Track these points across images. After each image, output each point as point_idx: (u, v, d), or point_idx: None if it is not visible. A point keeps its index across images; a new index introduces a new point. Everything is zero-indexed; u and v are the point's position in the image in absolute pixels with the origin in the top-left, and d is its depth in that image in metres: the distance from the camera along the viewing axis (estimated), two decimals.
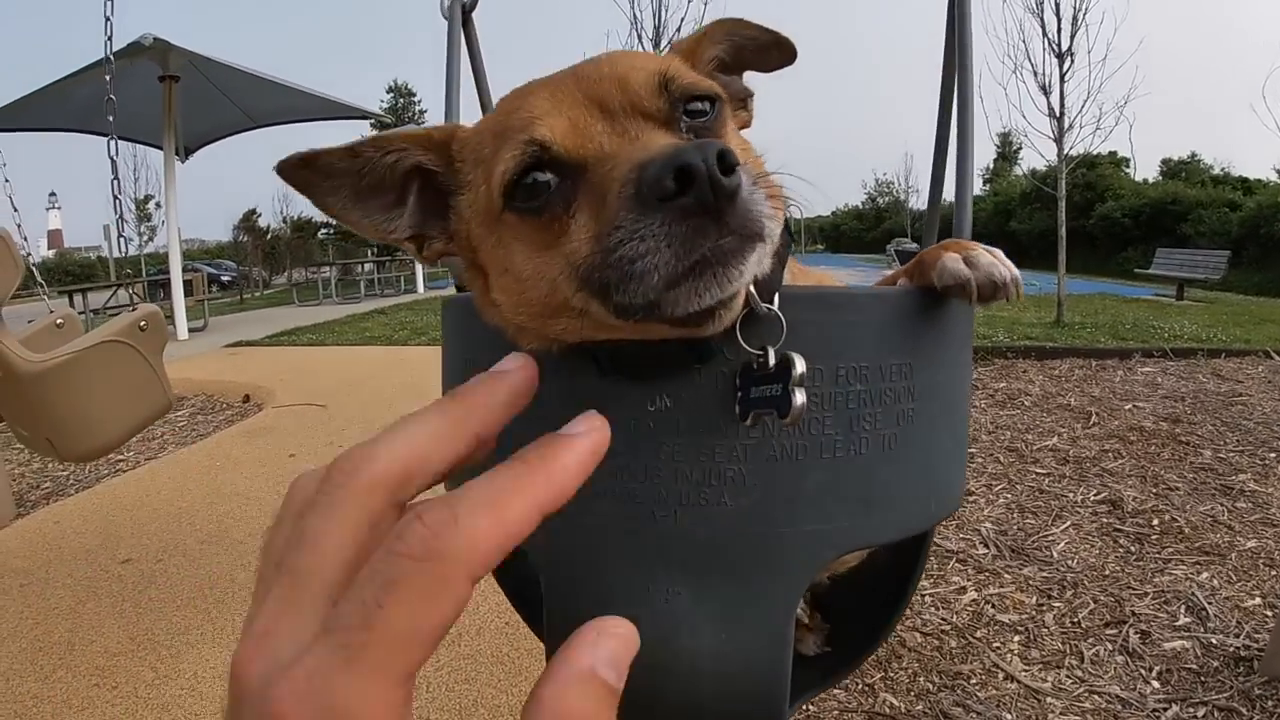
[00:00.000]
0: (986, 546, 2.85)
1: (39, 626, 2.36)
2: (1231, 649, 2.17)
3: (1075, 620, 2.35)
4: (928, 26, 1.34)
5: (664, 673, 0.58)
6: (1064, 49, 8.07)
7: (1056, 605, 2.44)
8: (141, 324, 2.37)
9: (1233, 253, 14.51)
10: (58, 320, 2.56)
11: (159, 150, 10.40)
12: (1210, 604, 2.40)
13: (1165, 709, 1.93)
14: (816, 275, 0.76)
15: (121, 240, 2.78)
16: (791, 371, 0.52)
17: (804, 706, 1.97)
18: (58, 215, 55.47)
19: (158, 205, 26.12)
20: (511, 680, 2.01)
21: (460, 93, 1.12)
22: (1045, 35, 8.17)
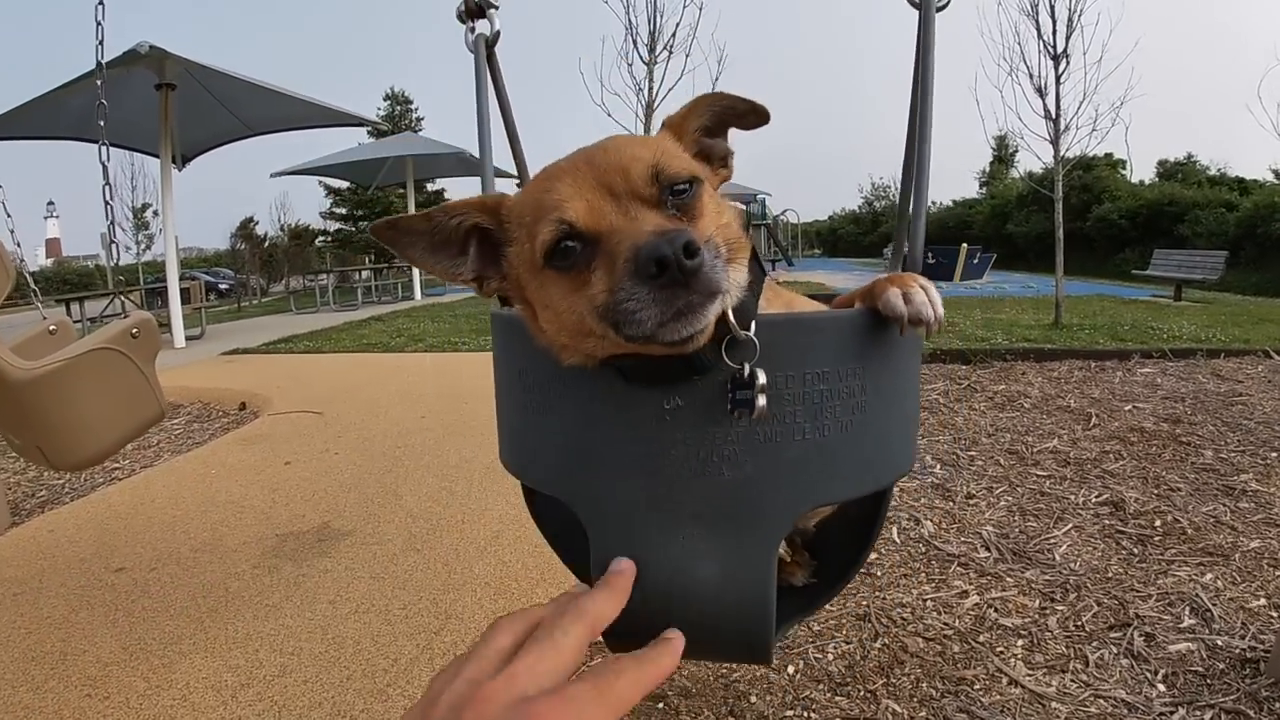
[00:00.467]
0: (988, 550, 2.83)
1: (31, 636, 2.34)
2: (1237, 651, 2.14)
3: (1079, 623, 2.32)
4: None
5: (683, 594, 0.80)
6: (1059, 51, 8.07)
7: (1060, 608, 2.41)
8: (134, 331, 2.33)
9: (1230, 253, 14.49)
10: (50, 327, 2.53)
11: (156, 159, 10.40)
12: (1215, 605, 2.38)
13: (1172, 712, 1.90)
14: (786, 297, 0.93)
15: (114, 246, 2.75)
16: (755, 383, 0.72)
17: (808, 715, 1.95)
18: (56, 224, 55.50)
19: (155, 214, 26.10)
20: None
21: (491, 122, 1.28)
22: (1040, 37, 8.17)
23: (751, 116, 0.87)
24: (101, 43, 2.39)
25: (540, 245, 0.71)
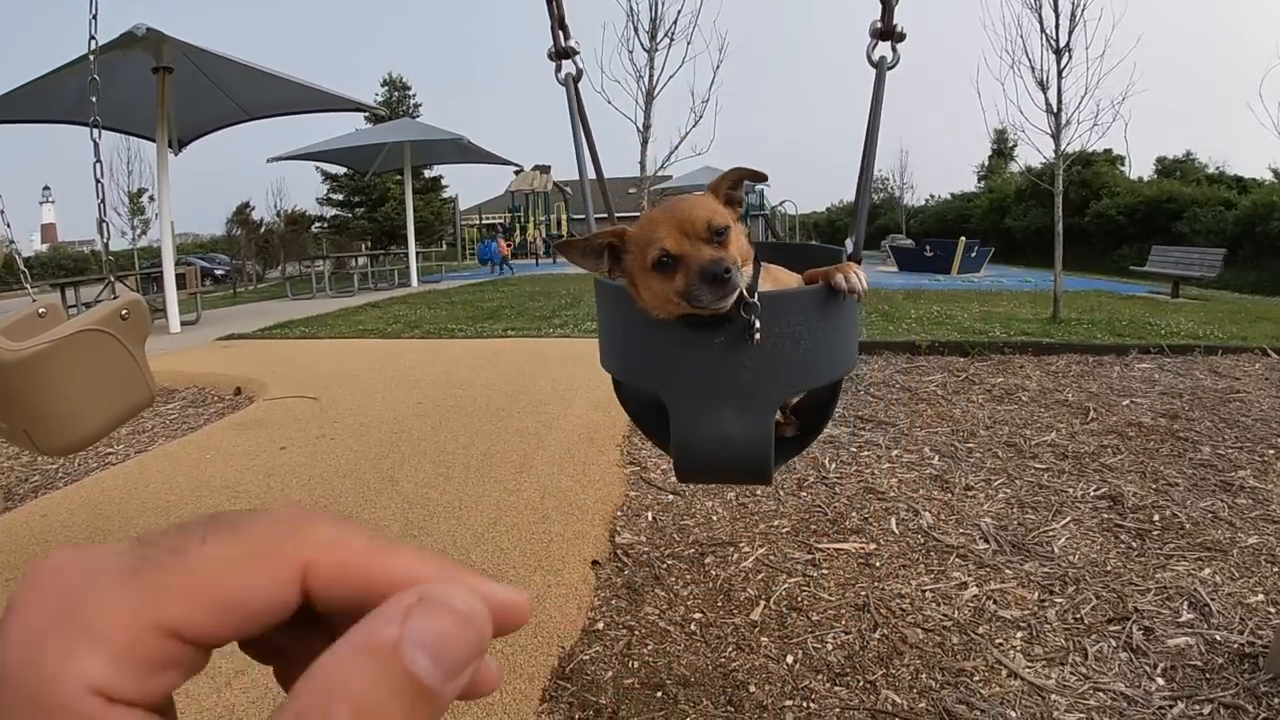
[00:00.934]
0: (987, 542, 2.82)
1: None
2: (1236, 646, 2.14)
3: (1078, 616, 2.32)
4: (921, 27, 1.50)
5: (718, 441, 1.33)
6: (1062, 45, 8.04)
7: (1059, 601, 2.40)
8: (123, 313, 2.29)
9: (1228, 251, 14.49)
10: (40, 310, 2.48)
11: (152, 143, 10.31)
12: (1213, 600, 2.38)
13: (1171, 706, 1.89)
14: (774, 274, 1.44)
15: (105, 225, 2.71)
16: (755, 325, 1.21)
17: (807, 705, 1.94)
18: (52, 209, 55.20)
19: (151, 199, 25.94)
20: (506, 678, 1.97)
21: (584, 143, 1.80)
22: (1043, 31, 8.14)
23: (756, 177, 1.37)
24: (95, 16, 2.35)
25: (649, 259, 1.24)
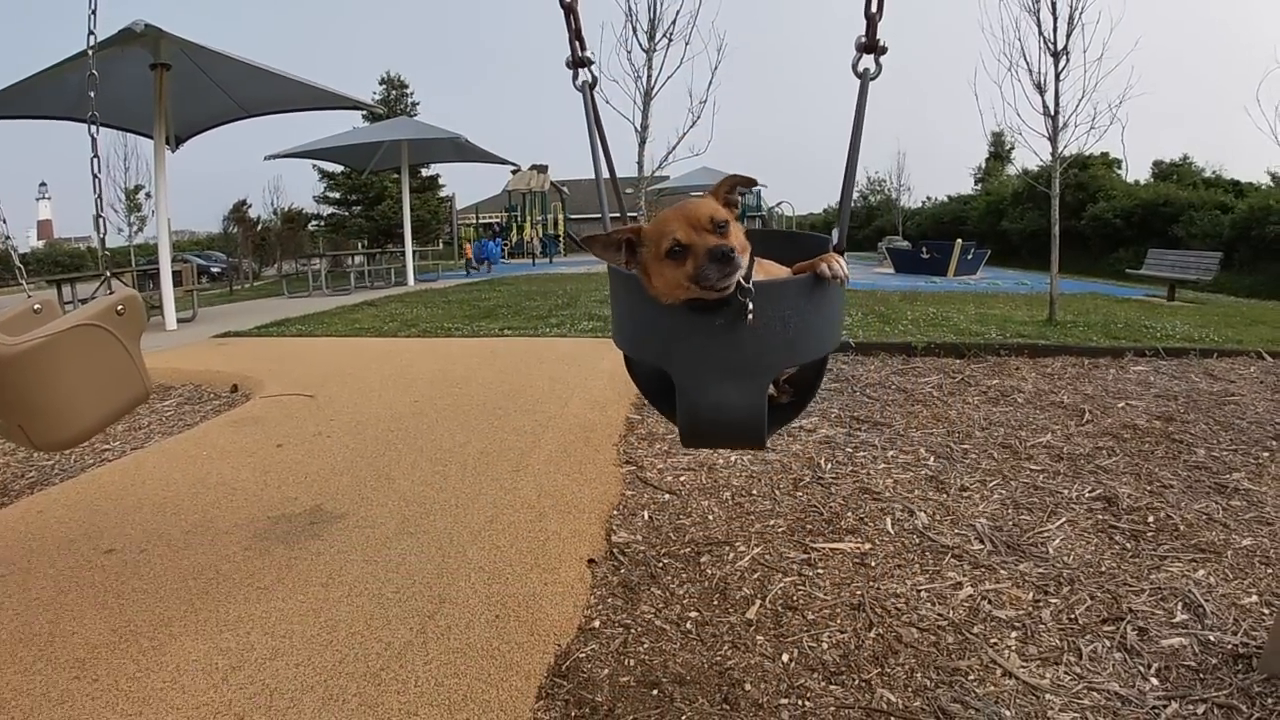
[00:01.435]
0: (981, 542, 2.83)
1: (19, 618, 2.31)
2: (1230, 646, 2.15)
3: (1072, 617, 2.32)
4: (917, 28, 1.42)
5: (719, 410, 1.50)
6: (1060, 48, 8.05)
7: (1053, 601, 2.41)
8: (119, 308, 2.28)
9: (1224, 255, 14.54)
10: (35, 306, 2.47)
11: (149, 140, 10.29)
12: (1207, 601, 2.39)
13: (1165, 706, 1.90)
14: (766, 266, 1.65)
15: (101, 221, 2.71)
16: (748, 306, 1.38)
17: (802, 704, 1.95)
18: (48, 205, 54.93)
19: (148, 195, 25.86)
20: (502, 675, 1.97)
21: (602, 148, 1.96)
22: (1041, 34, 8.15)
23: (746, 184, 1.58)
24: (94, 11, 2.35)
25: (663, 249, 1.44)
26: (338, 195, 32.04)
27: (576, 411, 4.48)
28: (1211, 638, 2.20)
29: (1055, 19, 8.05)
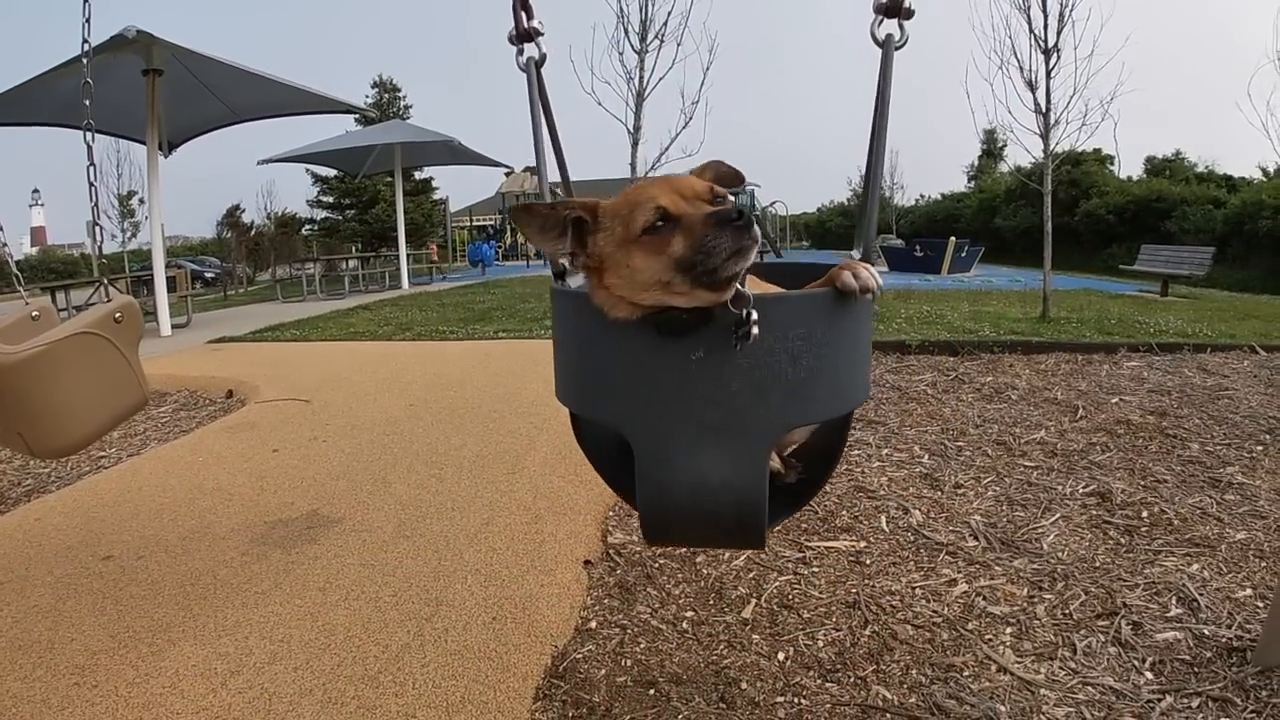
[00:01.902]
0: (976, 539, 2.84)
1: (19, 625, 2.32)
2: (1224, 639, 2.16)
3: (1067, 612, 2.34)
4: (912, 27, 1.39)
5: (700, 493, 1.11)
6: (1050, 45, 8.08)
7: (1048, 597, 2.43)
8: (117, 315, 2.30)
9: (1217, 249, 14.58)
10: (33, 313, 2.48)
11: (142, 145, 10.28)
12: (1201, 595, 2.40)
13: (1159, 699, 1.92)
14: (754, 283, 1.25)
15: (98, 229, 2.71)
16: (751, 318, 1.00)
17: (798, 701, 1.96)
18: (41, 212, 54.79)
19: (141, 201, 25.79)
20: (499, 677, 1.98)
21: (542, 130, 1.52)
22: (1032, 31, 8.18)
23: (734, 176, 1.27)
24: (88, 20, 2.36)
25: (638, 224, 1.06)
26: (331, 199, 31.97)
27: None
28: (1206, 631, 2.22)
29: (1046, 16, 8.09)
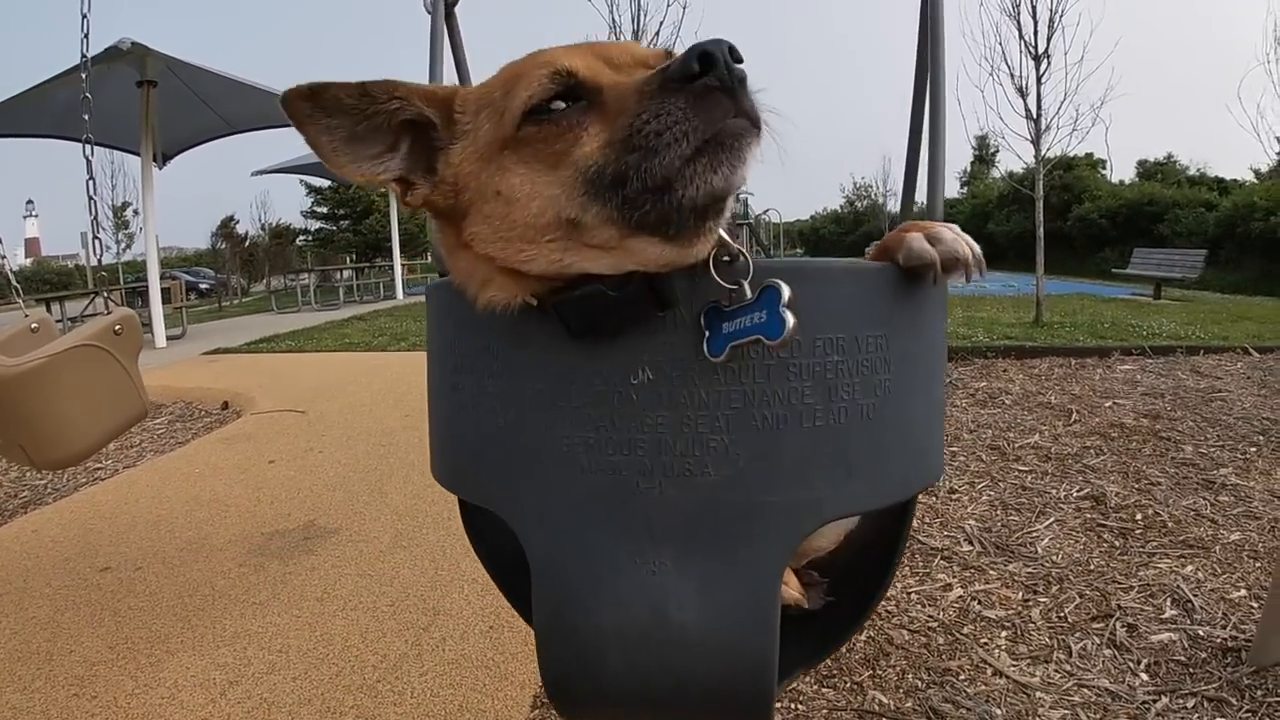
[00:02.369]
0: (971, 543, 2.86)
1: (17, 637, 2.32)
2: (1219, 640, 2.18)
3: (1062, 615, 2.35)
4: (905, 31, 1.37)
5: (655, 645, 0.58)
6: (1040, 51, 8.14)
7: (1043, 600, 2.44)
8: (116, 328, 2.32)
9: (1209, 252, 14.68)
10: (32, 325, 2.49)
11: (137, 157, 10.29)
12: (1196, 596, 2.42)
13: (1155, 700, 1.93)
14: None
15: (96, 242, 2.73)
16: (780, 294, 0.54)
17: (794, 706, 1.96)
18: (35, 224, 54.77)
19: (135, 212, 25.81)
20: (497, 685, 1.98)
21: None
22: (1022, 38, 8.25)
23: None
24: (87, 35, 2.37)
25: (524, 101, 0.59)
26: (325, 210, 31.99)
27: None
28: (1201, 632, 2.23)
29: (1036, 22, 8.17)
